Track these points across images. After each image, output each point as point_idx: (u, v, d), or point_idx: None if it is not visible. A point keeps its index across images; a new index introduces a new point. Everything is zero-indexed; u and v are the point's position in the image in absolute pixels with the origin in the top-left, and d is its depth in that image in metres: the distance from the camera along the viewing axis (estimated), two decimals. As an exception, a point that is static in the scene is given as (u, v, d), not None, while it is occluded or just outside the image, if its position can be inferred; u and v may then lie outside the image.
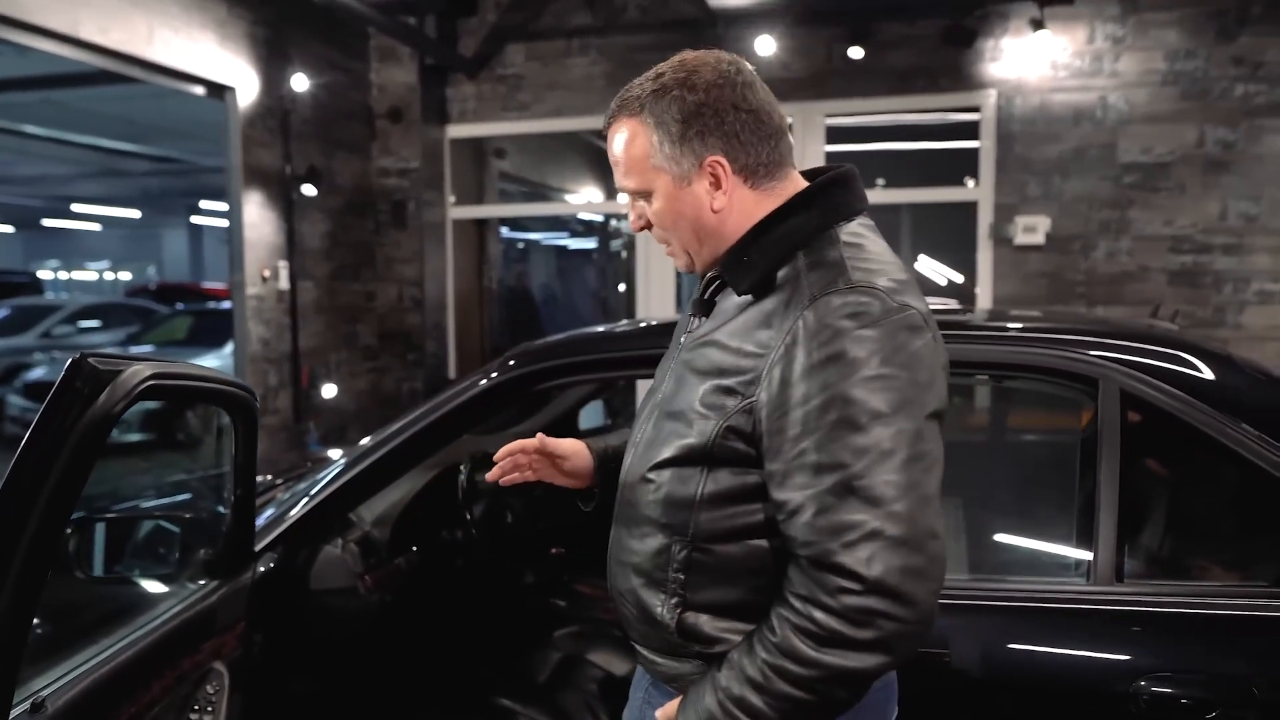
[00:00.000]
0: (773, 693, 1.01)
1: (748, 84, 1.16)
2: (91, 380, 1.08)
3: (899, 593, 0.97)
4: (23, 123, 9.90)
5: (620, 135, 1.19)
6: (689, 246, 1.21)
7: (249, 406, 1.66)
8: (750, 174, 1.16)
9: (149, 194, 17.76)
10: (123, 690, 1.39)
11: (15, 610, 1.01)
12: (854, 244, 1.12)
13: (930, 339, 1.07)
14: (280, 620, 2.02)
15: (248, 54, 5.28)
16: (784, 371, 1.04)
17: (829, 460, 1.00)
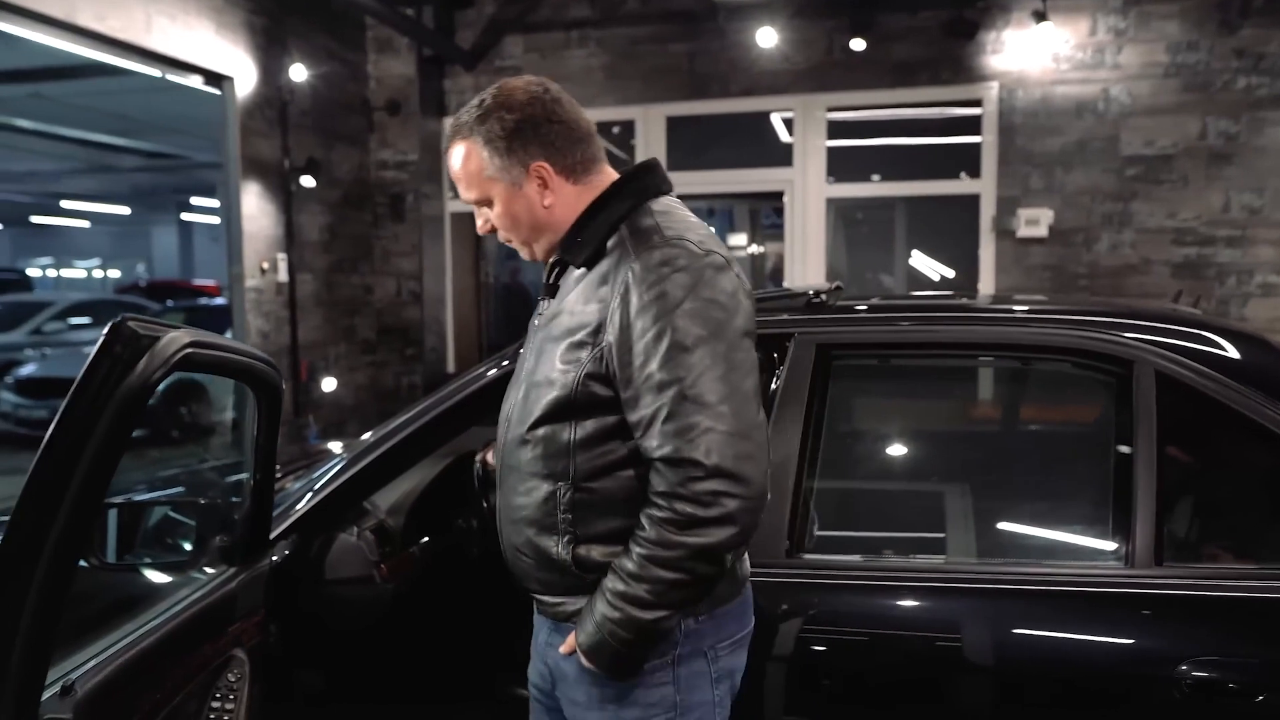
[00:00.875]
0: (649, 579, 1.23)
1: (555, 100, 1.39)
2: (131, 344, 1.04)
3: (735, 474, 1.20)
4: (12, 117, 9.77)
5: (457, 156, 1.41)
6: (529, 240, 1.43)
7: (275, 386, 1.62)
8: (570, 173, 1.39)
9: (139, 190, 17.61)
10: (148, 675, 1.35)
11: (52, 582, 0.97)
12: (664, 212, 1.37)
13: (734, 275, 1.32)
14: (295, 609, 1.98)
15: (246, 43, 5.22)
16: (623, 314, 1.27)
17: (668, 377, 1.22)
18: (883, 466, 2.16)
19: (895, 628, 1.70)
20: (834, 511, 1.98)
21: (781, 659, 1.69)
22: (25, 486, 0.99)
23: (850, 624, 1.71)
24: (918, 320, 2.09)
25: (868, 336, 2.04)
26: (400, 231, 6.45)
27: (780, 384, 1.96)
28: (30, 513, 0.98)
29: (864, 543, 1.93)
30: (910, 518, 2.05)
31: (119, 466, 1.05)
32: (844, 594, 1.74)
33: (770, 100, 6.25)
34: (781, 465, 1.83)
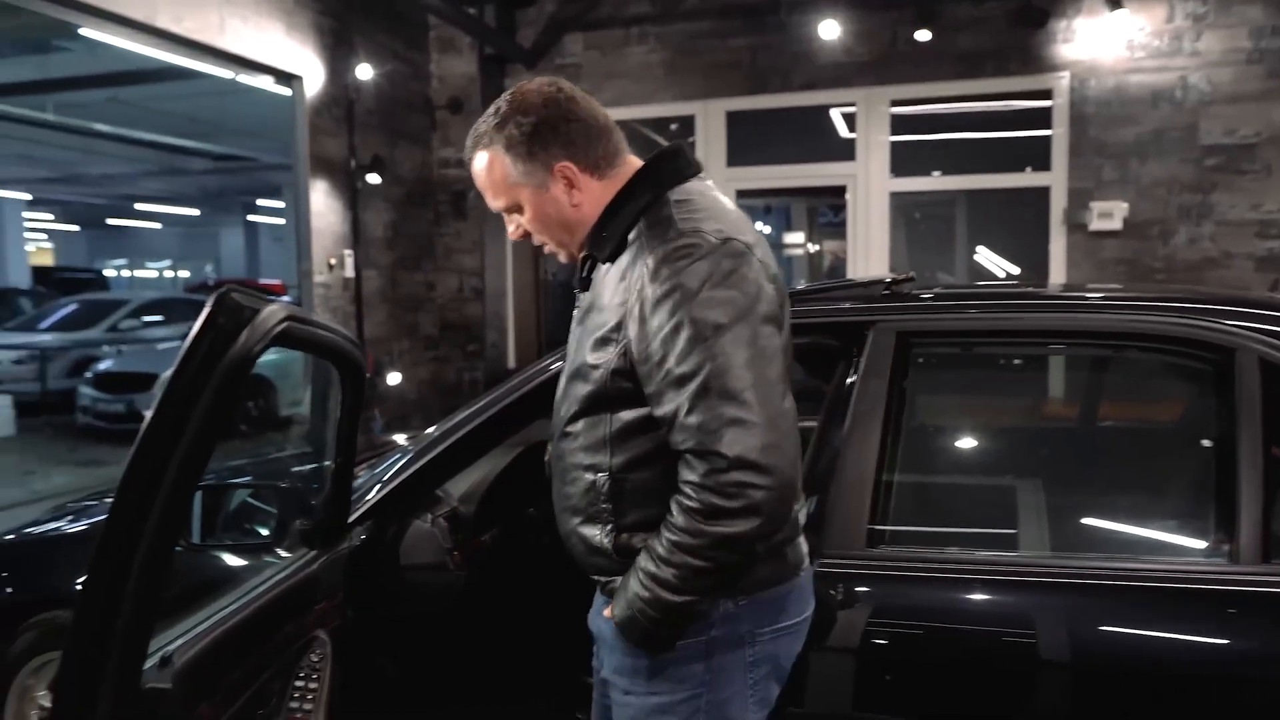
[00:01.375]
0: (676, 564, 1.24)
1: (570, 98, 1.38)
2: (234, 316, 1.06)
3: (760, 464, 1.18)
4: (92, 120, 10.15)
5: (480, 165, 1.41)
6: (562, 240, 1.44)
7: (360, 369, 1.63)
8: (594, 169, 1.38)
9: (208, 193, 18.15)
10: (238, 650, 1.38)
11: (158, 548, 0.99)
12: (683, 200, 1.34)
13: (755, 261, 1.29)
14: (372, 594, 2.00)
15: (314, 43, 5.32)
16: (640, 311, 1.26)
17: (688, 370, 1.21)
18: (967, 458, 2.10)
19: (977, 622, 1.65)
20: (917, 503, 1.94)
21: (857, 650, 1.65)
22: (132, 453, 1.01)
23: (931, 617, 1.66)
24: (1003, 307, 2.03)
25: (951, 324, 1.98)
26: (462, 229, 6.52)
27: (858, 375, 1.92)
28: (139, 479, 1.00)
29: (947, 536, 1.88)
30: (995, 511, 1.99)
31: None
32: (925, 587, 1.69)
33: (832, 94, 6.17)
34: (861, 456, 1.79)
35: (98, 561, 1.00)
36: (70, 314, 11.45)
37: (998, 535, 1.88)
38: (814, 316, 2.10)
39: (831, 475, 1.81)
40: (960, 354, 2.07)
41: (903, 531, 1.81)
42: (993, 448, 2.11)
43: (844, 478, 1.79)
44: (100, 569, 1.00)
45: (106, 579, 1.00)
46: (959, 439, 2.12)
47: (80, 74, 8.40)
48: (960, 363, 2.10)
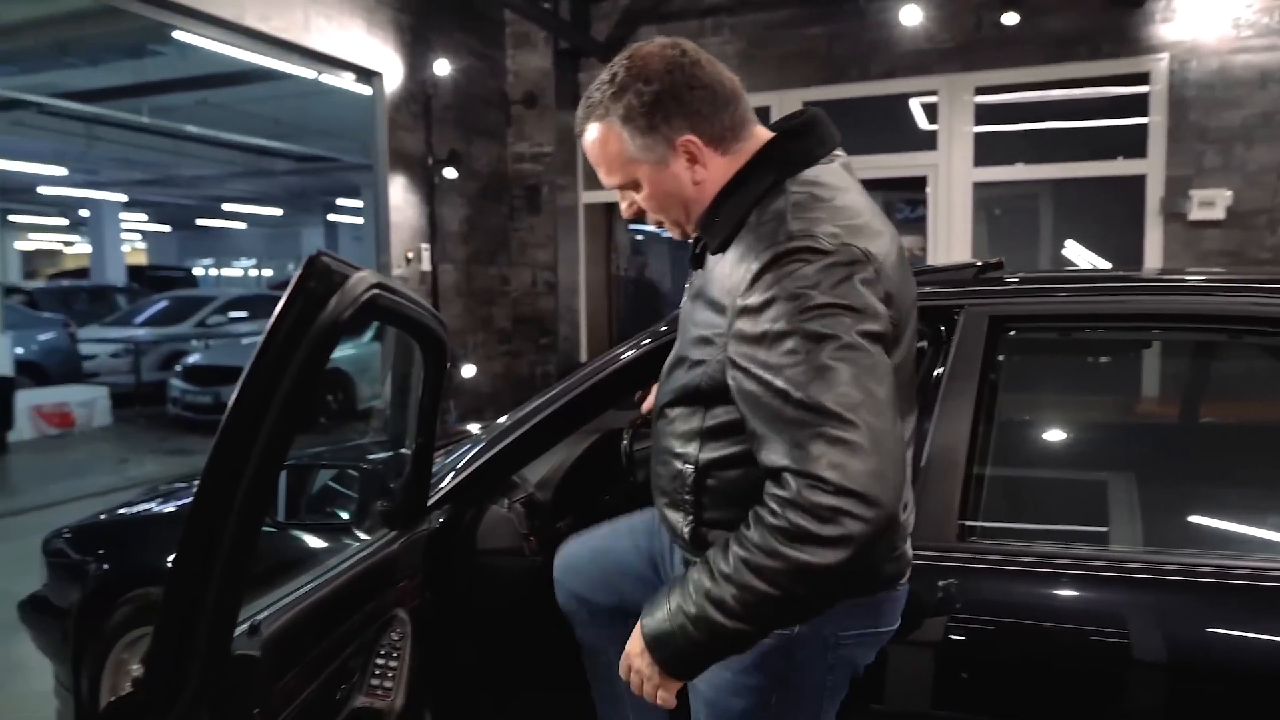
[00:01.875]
0: (740, 584, 1.09)
1: (695, 62, 1.24)
2: (324, 280, 1.05)
3: (862, 493, 1.04)
4: (183, 123, 10.55)
5: (594, 139, 1.28)
6: (679, 219, 1.32)
7: (441, 345, 1.63)
8: (719, 141, 1.25)
9: (290, 193, 18.73)
10: (322, 624, 1.39)
11: (249, 509, 0.99)
12: (803, 193, 1.21)
13: (870, 270, 1.15)
14: (450, 577, 2.00)
15: (394, 41, 5.42)
16: (742, 319, 1.15)
17: (781, 387, 1.10)
18: (1061, 449, 2.00)
19: (1072, 620, 1.56)
20: (1010, 495, 1.85)
21: (942, 646, 1.57)
22: (226, 418, 1.01)
23: (1026, 614, 1.58)
24: (1103, 290, 1.92)
25: (1047, 308, 1.88)
26: (535, 223, 6.57)
27: (948, 360, 1.84)
28: (232, 444, 1.00)
29: (1045, 530, 1.79)
30: (1093, 505, 1.88)
31: None
32: (1020, 582, 1.61)
33: (913, 82, 6.01)
34: (951, 445, 1.72)
35: (191, 528, 1.00)
36: (162, 310, 11.96)
37: (1097, 531, 1.78)
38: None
39: (919, 466, 1.74)
40: (1056, 339, 1.97)
41: (994, 525, 1.72)
42: (1088, 438, 2.00)
43: (932, 469, 1.72)
44: (193, 535, 1.00)
45: (199, 545, 1.01)
46: (1053, 428, 2.01)
47: (172, 78, 8.74)
48: (1056, 348, 2.00)
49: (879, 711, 1.56)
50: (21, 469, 7.54)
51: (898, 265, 1.24)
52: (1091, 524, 1.86)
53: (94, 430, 8.97)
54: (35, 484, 6.98)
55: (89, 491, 6.28)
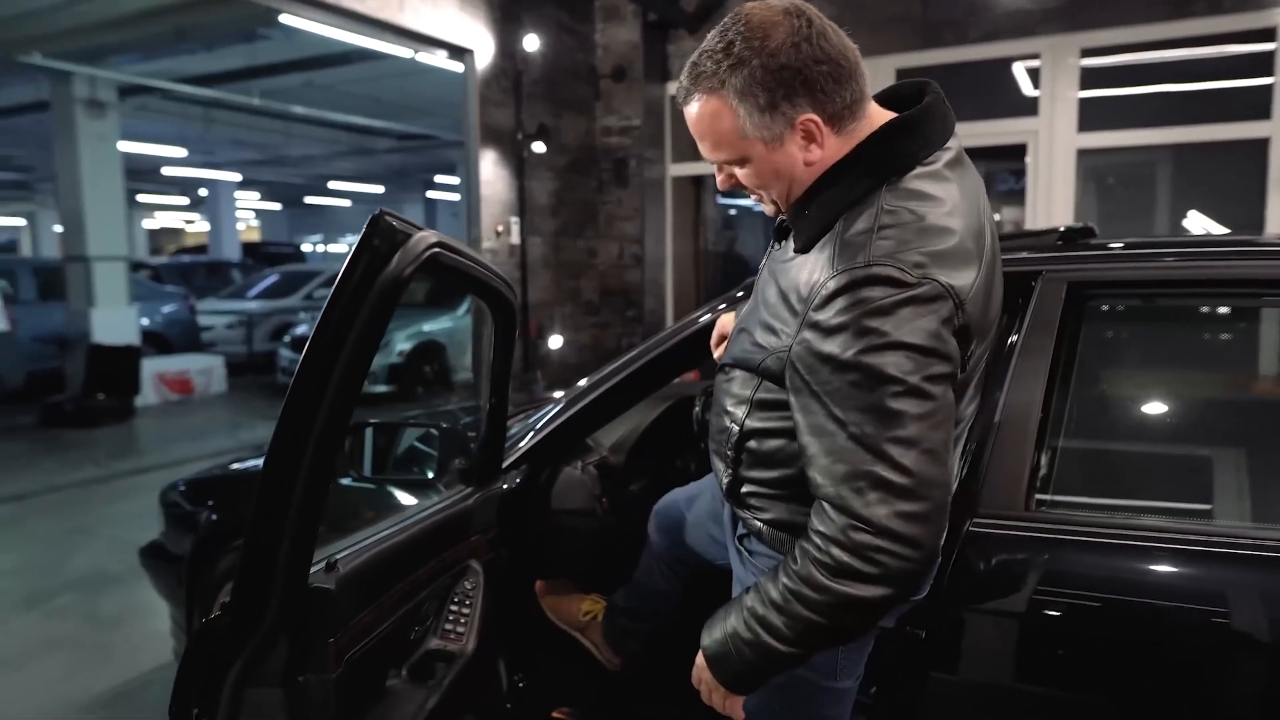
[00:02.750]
0: (790, 614, 1.14)
1: (820, 33, 1.14)
2: (387, 238, 1.12)
3: (902, 535, 1.07)
4: (290, 104, 11.02)
5: (703, 112, 1.18)
6: (781, 197, 1.24)
7: (510, 307, 1.69)
8: (837, 121, 1.17)
9: (391, 170, 19.33)
10: (397, 567, 1.48)
11: (324, 445, 1.07)
12: (895, 207, 1.14)
13: (950, 308, 1.11)
14: (525, 533, 2.08)
15: (485, 18, 5.52)
16: (808, 335, 1.13)
17: (839, 415, 1.10)
18: (1143, 422, 1.93)
19: (1136, 593, 1.51)
20: (1083, 466, 1.80)
21: (1013, 614, 1.56)
22: (299, 368, 1.09)
23: (1087, 585, 1.55)
24: (1192, 255, 1.84)
25: (1129, 274, 1.82)
26: (623, 196, 6.61)
27: (1024, 328, 1.80)
28: (305, 391, 1.09)
29: (1112, 501, 1.74)
30: (1173, 481, 1.82)
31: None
32: (1084, 552, 1.57)
33: (1014, 45, 5.76)
34: (1023, 413, 1.69)
35: (269, 471, 1.10)
36: (273, 284, 12.59)
37: (1173, 508, 1.71)
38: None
39: (989, 434, 1.72)
40: (1142, 307, 1.89)
41: (1064, 497, 1.69)
42: (1176, 413, 1.92)
43: (1003, 437, 1.69)
44: (271, 477, 1.09)
45: (277, 487, 1.10)
46: (1136, 400, 1.95)
47: (281, 61, 9.13)
48: (1142, 317, 1.93)
49: (947, 680, 1.57)
50: (146, 431, 8.11)
51: (984, 288, 1.18)
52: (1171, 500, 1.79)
53: (211, 396, 9.57)
54: (158, 445, 7.50)
55: (206, 453, 6.71)
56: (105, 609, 3.83)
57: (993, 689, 1.57)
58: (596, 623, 2.14)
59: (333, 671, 1.20)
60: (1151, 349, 1.96)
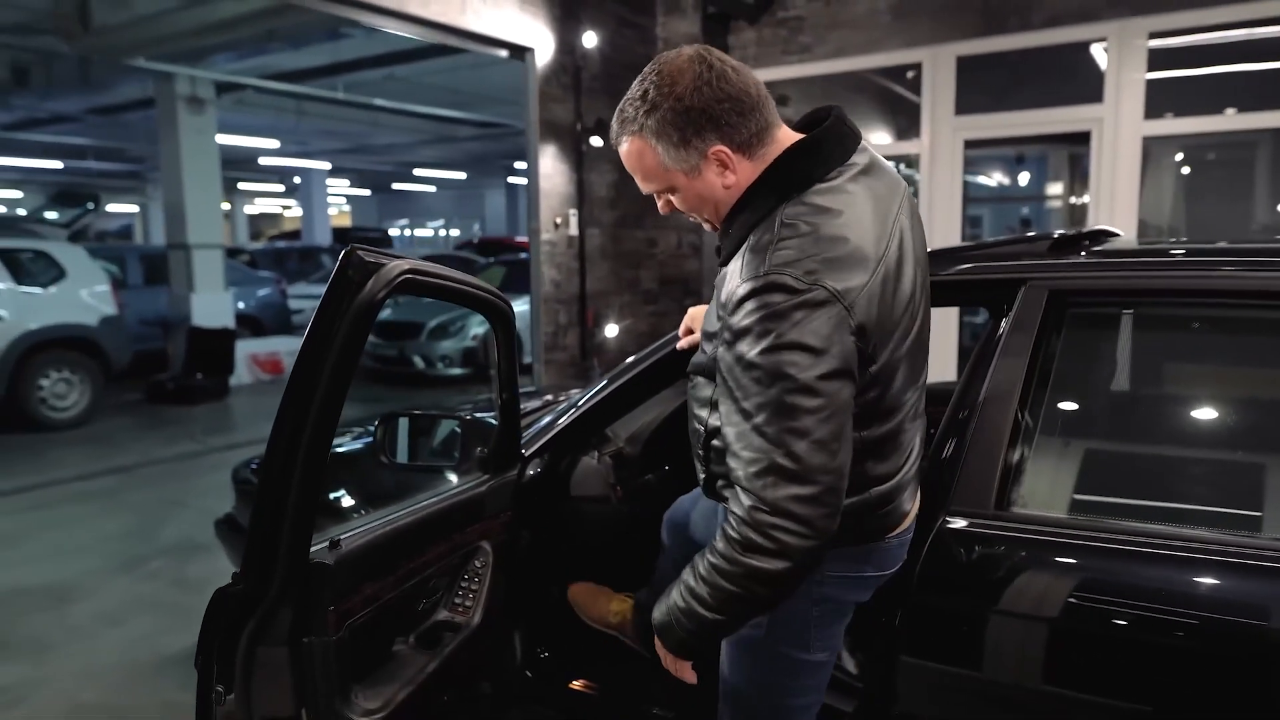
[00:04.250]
0: (712, 585, 1.31)
1: (721, 75, 1.30)
2: (360, 269, 1.31)
3: (796, 515, 1.22)
4: (374, 96, 11.48)
5: (629, 152, 1.39)
6: (713, 217, 1.43)
7: (504, 314, 1.86)
8: (746, 148, 1.34)
9: (473, 157, 19.81)
10: (402, 546, 1.67)
11: (315, 445, 1.27)
12: (793, 221, 1.29)
13: (840, 309, 1.24)
14: (544, 518, 2.26)
15: (545, 16, 5.70)
16: (726, 337, 1.29)
17: (749, 409, 1.25)
18: (1114, 426, 1.97)
19: (1101, 592, 1.59)
20: (1055, 469, 1.86)
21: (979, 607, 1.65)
22: (289, 380, 1.29)
23: (1049, 584, 1.63)
24: (1176, 264, 1.89)
25: (1111, 283, 1.87)
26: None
27: (1003, 334, 1.88)
28: (295, 398, 1.28)
29: (1076, 503, 1.80)
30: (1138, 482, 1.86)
31: (443, 396, 1.27)
32: (1050, 550, 1.65)
33: (1079, 30, 5.62)
34: (997, 415, 1.77)
35: (268, 465, 1.30)
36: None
37: (1144, 511, 1.77)
38: (966, 274, 2.07)
39: (965, 434, 1.80)
40: (1123, 315, 1.94)
41: (1033, 498, 1.76)
42: (1148, 418, 1.96)
43: (978, 438, 1.78)
44: (271, 471, 1.29)
45: (277, 479, 1.30)
46: (1110, 406, 1.99)
47: (363, 56, 9.53)
48: (1124, 325, 1.97)
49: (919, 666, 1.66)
50: (239, 409, 8.67)
51: (880, 288, 1.30)
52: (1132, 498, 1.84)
53: (299, 377, 10.11)
54: (250, 423, 8.02)
55: (290, 431, 7.16)
56: (191, 574, 4.22)
57: (959, 675, 1.67)
58: (628, 620, 2.28)
59: (333, 634, 1.40)
60: (1130, 355, 2.00)
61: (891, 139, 7.36)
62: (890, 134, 7.33)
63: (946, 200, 6.21)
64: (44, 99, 11.93)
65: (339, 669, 1.41)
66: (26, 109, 12.92)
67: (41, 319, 7.44)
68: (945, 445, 1.86)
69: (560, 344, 5.97)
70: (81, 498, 5.57)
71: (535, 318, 6.04)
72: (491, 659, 2.04)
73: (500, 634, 2.07)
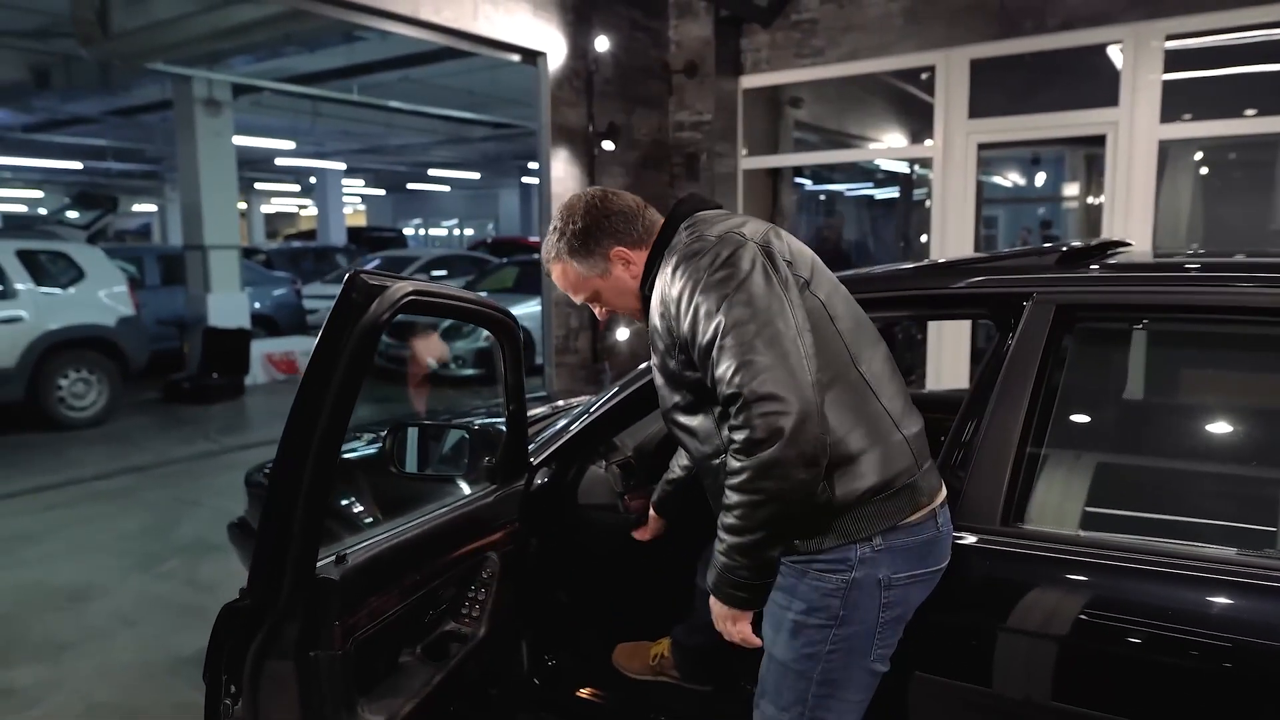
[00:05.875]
0: (734, 505, 1.43)
1: (605, 197, 1.70)
2: (364, 292, 1.33)
3: (768, 394, 1.37)
4: (389, 98, 11.53)
5: (556, 273, 1.73)
6: (634, 308, 1.73)
7: (509, 328, 1.88)
8: (639, 243, 1.68)
9: (487, 158, 19.88)
10: (408, 560, 1.69)
11: (320, 467, 1.29)
12: (691, 224, 1.63)
13: (751, 246, 1.52)
14: (552, 525, 2.27)
15: (557, 21, 5.72)
16: (670, 309, 1.53)
17: (709, 339, 1.45)
18: (1123, 441, 1.96)
19: (1108, 609, 1.59)
20: (1066, 483, 1.86)
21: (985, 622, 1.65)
22: (297, 396, 1.31)
23: (1058, 598, 1.62)
24: (1185, 279, 1.87)
25: (1120, 298, 1.86)
26: (695, 190, 6.72)
27: (1010, 348, 1.87)
28: (302, 417, 1.30)
29: (1085, 518, 1.79)
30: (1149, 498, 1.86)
31: (456, 399, 1.30)
32: (1058, 567, 1.65)
33: (1094, 33, 5.59)
34: (1002, 432, 1.77)
35: (275, 484, 1.32)
36: (373, 269, 13.22)
37: (1148, 520, 1.77)
38: (972, 288, 2.07)
39: (971, 449, 1.80)
40: (1132, 331, 1.93)
41: (1043, 511, 1.76)
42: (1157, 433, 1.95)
43: (983, 454, 1.77)
44: (278, 490, 1.31)
45: (284, 498, 1.32)
46: (1118, 421, 1.99)
47: (378, 59, 9.58)
48: (1133, 340, 1.97)
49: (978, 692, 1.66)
50: (254, 409, 8.74)
51: (785, 243, 1.61)
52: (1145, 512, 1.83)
53: (314, 377, 10.16)
54: (265, 422, 8.09)
55: (304, 432, 7.21)
56: (204, 574, 4.27)
57: (964, 688, 1.67)
58: (667, 659, 2.36)
59: (339, 648, 1.42)
60: (1138, 370, 1.99)
61: (906, 142, 7.34)
62: (906, 138, 7.30)
63: (960, 204, 6.19)
64: (64, 101, 12.06)
65: (345, 683, 1.43)
66: (47, 110, 13.07)
67: (61, 319, 7.53)
68: (952, 457, 1.85)
69: (572, 347, 5.99)
70: (99, 497, 5.64)
71: (546, 321, 6.06)
72: (499, 668, 2.05)
73: (508, 643, 2.08)
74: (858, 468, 1.50)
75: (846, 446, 1.49)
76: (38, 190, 23.49)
